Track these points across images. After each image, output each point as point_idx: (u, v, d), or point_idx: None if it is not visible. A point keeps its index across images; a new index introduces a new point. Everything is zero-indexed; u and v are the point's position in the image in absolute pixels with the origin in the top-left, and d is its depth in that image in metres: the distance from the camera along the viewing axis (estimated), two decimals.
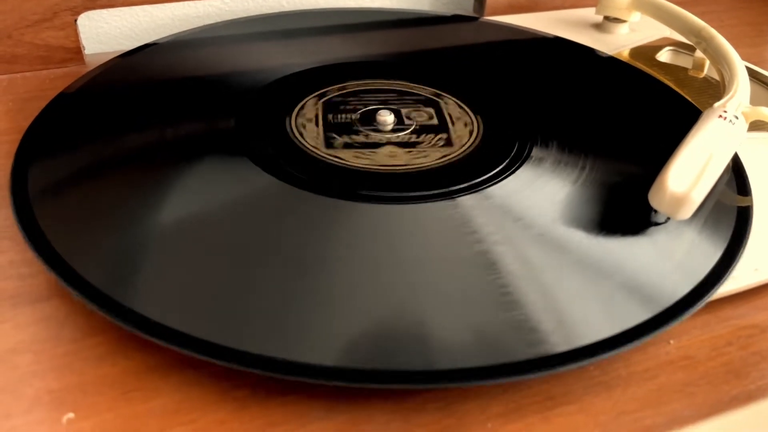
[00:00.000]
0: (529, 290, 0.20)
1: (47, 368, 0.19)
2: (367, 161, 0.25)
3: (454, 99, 0.29)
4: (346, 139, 0.26)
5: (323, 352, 0.18)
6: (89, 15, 0.39)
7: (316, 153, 0.25)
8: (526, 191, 0.24)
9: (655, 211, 0.22)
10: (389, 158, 0.25)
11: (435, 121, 0.27)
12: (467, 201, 0.23)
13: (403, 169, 0.24)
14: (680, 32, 0.34)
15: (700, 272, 0.21)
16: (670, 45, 0.37)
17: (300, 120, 0.27)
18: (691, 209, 0.21)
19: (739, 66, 0.28)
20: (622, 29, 0.38)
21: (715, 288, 0.20)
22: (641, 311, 0.19)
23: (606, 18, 0.39)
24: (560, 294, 0.20)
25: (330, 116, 0.27)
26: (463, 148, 0.26)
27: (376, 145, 0.26)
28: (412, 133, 0.26)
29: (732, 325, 0.21)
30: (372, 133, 0.26)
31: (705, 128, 0.23)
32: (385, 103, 0.28)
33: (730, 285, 0.21)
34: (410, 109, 0.28)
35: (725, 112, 0.24)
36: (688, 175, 0.21)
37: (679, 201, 0.21)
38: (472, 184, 0.23)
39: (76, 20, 0.35)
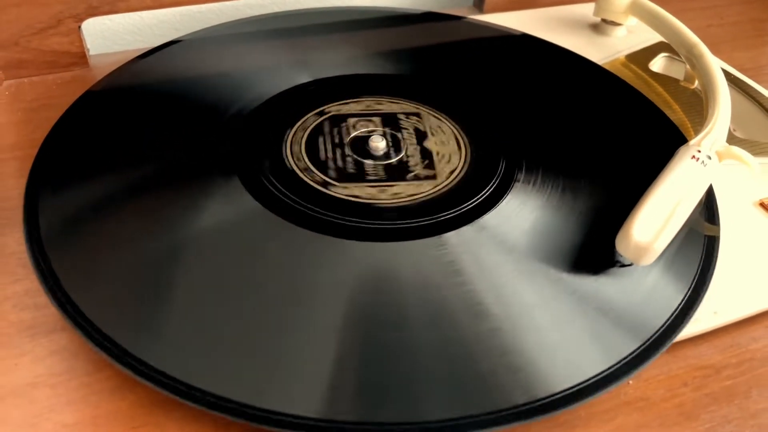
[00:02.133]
0: (508, 338, 0.21)
1: (63, 402, 0.21)
2: (353, 192, 0.25)
3: (431, 112, 0.29)
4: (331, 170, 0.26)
5: (305, 401, 0.19)
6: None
7: (308, 183, 0.26)
8: (512, 223, 0.24)
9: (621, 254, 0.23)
10: (378, 192, 0.26)
11: (420, 147, 0.28)
12: (452, 238, 0.24)
13: (388, 203, 0.25)
14: (672, 44, 0.34)
15: (663, 314, 0.22)
16: (666, 50, 0.37)
17: (294, 147, 0.28)
18: (653, 257, 0.22)
19: (722, 94, 0.28)
20: (619, 32, 0.39)
21: (678, 332, 0.22)
22: (616, 352, 0.21)
23: (603, 20, 0.39)
24: (532, 341, 0.21)
25: (323, 142, 0.28)
26: (449, 179, 0.26)
27: (363, 177, 0.26)
28: (399, 161, 0.27)
29: (689, 365, 0.23)
30: (361, 162, 0.27)
31: (676, 171, 0.24)
32: (366, 124, 0.29)
33: (690, 328, 0.22)
34: (399, 132, 0.29)
35: (699, 152, 0.25)
36: (653, 224, 0.22)
37: (642, 250, 0.22)
38: (461, 220, 0.24)
39: (80, 26, 0.36)
